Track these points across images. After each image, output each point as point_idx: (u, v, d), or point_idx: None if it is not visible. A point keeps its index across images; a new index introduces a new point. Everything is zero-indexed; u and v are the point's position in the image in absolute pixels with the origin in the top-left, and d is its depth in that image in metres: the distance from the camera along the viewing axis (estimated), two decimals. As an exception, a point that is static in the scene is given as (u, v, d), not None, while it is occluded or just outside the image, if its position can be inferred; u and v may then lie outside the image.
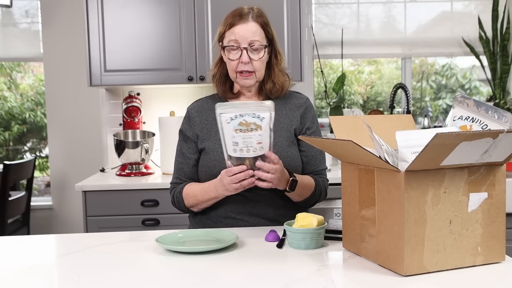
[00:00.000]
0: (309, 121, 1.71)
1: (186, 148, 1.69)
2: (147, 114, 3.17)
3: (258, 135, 1.38)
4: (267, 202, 1.62)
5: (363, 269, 1.16)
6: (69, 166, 3.52)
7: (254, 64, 1.61)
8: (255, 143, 1.39)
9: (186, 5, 2.81)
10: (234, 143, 1.39)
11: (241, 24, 1.59)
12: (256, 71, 1.62)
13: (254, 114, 1.37)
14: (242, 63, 1.60)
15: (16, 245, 1.47)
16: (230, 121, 1.37)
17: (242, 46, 1.59)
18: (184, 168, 1.69)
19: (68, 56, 3.46)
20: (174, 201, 1.69)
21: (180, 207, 1.69)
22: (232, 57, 1.61)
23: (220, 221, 1.63)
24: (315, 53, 3.33)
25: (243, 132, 1.37)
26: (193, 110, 1.73)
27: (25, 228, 3.46)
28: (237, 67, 1.61)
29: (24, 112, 5.06)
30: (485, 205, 1.14)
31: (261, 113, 1.38)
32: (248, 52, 1.59)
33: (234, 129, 1.37)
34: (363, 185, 1.21)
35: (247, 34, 1.59)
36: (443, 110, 4.36)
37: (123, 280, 1.12)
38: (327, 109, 3.57)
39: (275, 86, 1.68)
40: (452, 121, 1.25)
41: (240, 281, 1.10)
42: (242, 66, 1.60)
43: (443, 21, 3.49)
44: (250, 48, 1.59)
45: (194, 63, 2.82)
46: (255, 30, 1.60)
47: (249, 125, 1.37)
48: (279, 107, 1.67)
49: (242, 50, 1.59)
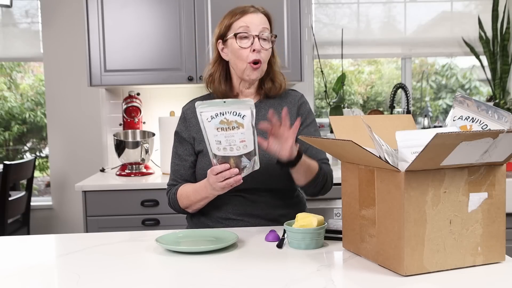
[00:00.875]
0: (304, 115, 1.69)
1: (182, 150, 1.69)
2: (147, 114, 3.17)
3: (241, 133, 1.36)
4: (267, 203, 1.62)
5: (363, 269, 1.16)
6: (69, 166, 3.52)
7: (263, 54, 1.59)
8: (238, 142, 1.37)
9: (186, 5, 2.81)
10: (217, 141, 1.37)
11: (251, 14, 1.58)
12: (263, 62, 1.60)
13: (235, 112, 1.35)
14: (254, 51, 1.56)
15: (16, 245, 1.47)
16: (211, 119, 1.35)
17: (254, 34, 1.57)
18: (180, 170, 1.68)
19: (68, 56, 3.46)
20: (170, 202, 1.69)
21: (175, 208, 1.68)
22: (244, 44, 1.57)
23: (220, 222, 1.63)
24: (315, 53, 3.33)
25: (225, 131, 1.36)
26: (189, 111, 1.71)
27: (25, 228, 3.46)
28: (248, 56, 1.57)
29: (24, 112, 5.06)
30: (485, 205, 1.14)
31: (242, 111, 1.35)
32: (260, 40, 1.57)
33: (216, 127, 1.36)
34: (363, 185, 1.21)
35: (258, 22, 1.57)
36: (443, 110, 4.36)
37: (123, 280, 1.12)
38: (327, 109, 3.57)
39: (274, 85, 1.67)
40: (452, 121, 1.25)
41: (240, 281, 1.10)
42: (254, 55, 1.56)
43: (443, 21, 3.49)
44: (261, 37, 1.58)
45: (194, 63, 2.82)
46: (264, 21, 1.60)
47: (231, 123, 1.35)
48: (276, 107, 1.67)
49: (254, 37, 1.56)
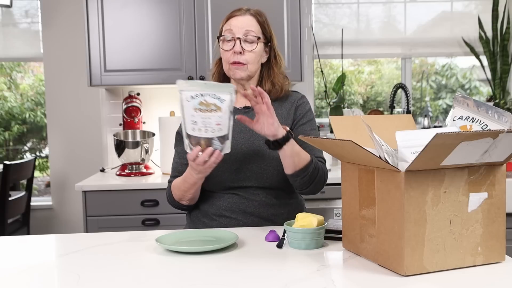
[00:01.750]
0: (301, 113, 1.68)
1: (181, 148, 1.69)
2: (147, 114, 3.17)
3: (218, 116, 1.37)
4: (261, 201, 1.62)
5: (363, 269, 1.16)
6: (69, 166, 3.52)
7: (247, 55, 1.61)
8: (214, 124, 1.38)
9: (186, 5, 2.81)
10: (193, 122, 1.38)
11: (237, 17, 1.62)
12: (248, 63, 1.62)
13: (215, 95, 1.36)
14: (234, 53, 1.60)
15: (16, 245, 1.47)
16: (190, 99, 1.36)
17: (236, 36, 1.60)
18: (178, 167, 1.70)
19: (68, 56, 3.46)
20: (168, 198, 1.70)
21: (172, 203, 1.70)
22: (226, 47, 1.62)
23: (214, 219, 1.63)
24: (315, 53, 3.33)
25: (203, 112, 1.37)
26: None
27: (25, 228, 3.46)
28: (230, 57, 1.61)
29: (24, 112, 5.06)
30: (485, 205, 1.14)
31: (222, 94, 1.36)
32: (242, 42, 1.60)
33: (194, 108, 1.37)
34: (363, 185, 1.21)
35: (241, 24, 1.60)
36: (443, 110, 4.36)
37: (123, 280, 1.12)
38: (327, 109, 3.57)
39: (275, 87, 1.68)
40: (452, 121, 1.25)
41: (240, 281, 1.10)
42: (234, 57, 1.60)
43: (443, 21, 3.49)
44: (244, 39, 1.60)
45: (194, 63, 2.83)
46: (251, 22, 1.62)
47: (209, 105, 1.36)
48: (275, 108, 1.67)
49: (236, 40, 1.60)
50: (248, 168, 1.60)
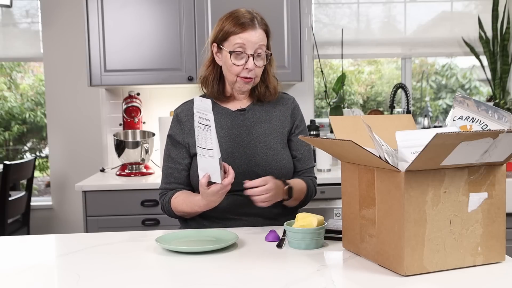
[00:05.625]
0: (298, 120, 1.74)
1: (175, 153, 1.68)
2: (147, 114, 3.17)
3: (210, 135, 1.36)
4: None
5: (363, 269, 1.16)
6: (69, 166, 3.52)
7: (256, 70, 1.61)
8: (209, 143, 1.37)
9: (186, 5, 2.81)
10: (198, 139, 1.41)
11: (250, 31, 1.57)
12: (256, 77, 1.63)
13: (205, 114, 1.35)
14: (247, 69, 1.59)
15: (16, 245, 1.47)
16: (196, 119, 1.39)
17: (249, 53, 1.58)
18: (174, 173, 1.67)
19: (68, 56, 3.46)
20: (164, 209, 1.69)
21: (169, 215, 1.69)
22: (238, 62, 1.59)
23: (217, 222, 1.63)
24: (315, 53, 3.33)
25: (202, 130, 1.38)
26: (183, 114, 1.71)
27: (25, 228, 3.46)
28: (240, 72, 1.60)
29: (24, 112, 5.06)
30: (485, 205, 1.14)
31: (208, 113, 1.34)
32: (254, 59, 1.59)
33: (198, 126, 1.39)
34: (363, 185, 1.21)
35: (255, 40, 1.57)
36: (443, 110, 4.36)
37: (123, 280, 1.12)
38: (327, 109, 3.57)
39: (269, 90, 1.69)
40: (452, 121, 1.25)
41: (240, 281, 1.10)
42: (246, 73, 1.60)
43: (443, 21, 3.49)
44: (256, 55, 1.59)
45: (194, 63, 2.82)
46: (262, 37, 1.60)
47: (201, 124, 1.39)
48: (269, 109, 1.71)
49: (249, 56, 1.58)
50: (254, 171, 1.61)
